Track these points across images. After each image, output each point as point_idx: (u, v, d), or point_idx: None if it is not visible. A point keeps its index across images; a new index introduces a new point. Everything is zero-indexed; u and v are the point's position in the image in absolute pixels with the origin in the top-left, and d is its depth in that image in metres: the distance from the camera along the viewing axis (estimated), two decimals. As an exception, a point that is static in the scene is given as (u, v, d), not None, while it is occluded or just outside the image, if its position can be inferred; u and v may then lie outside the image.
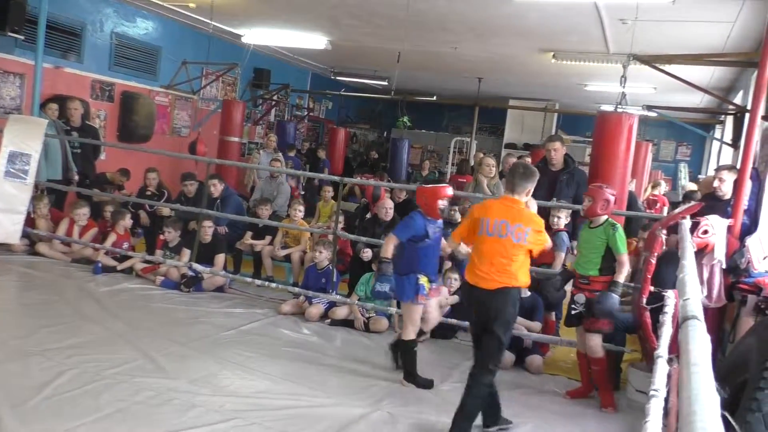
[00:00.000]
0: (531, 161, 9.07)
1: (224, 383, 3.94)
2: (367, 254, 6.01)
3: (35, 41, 7.06)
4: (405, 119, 14.10)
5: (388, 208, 6.31)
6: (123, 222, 6.71)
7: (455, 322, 5.14)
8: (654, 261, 4.10)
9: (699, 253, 4.24)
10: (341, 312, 5.59)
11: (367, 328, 5.40)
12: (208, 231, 6.33)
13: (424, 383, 4.25)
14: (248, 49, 10.16)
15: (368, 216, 7.07)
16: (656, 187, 10.17)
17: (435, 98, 14.33)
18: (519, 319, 4.94)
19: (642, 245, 5.68)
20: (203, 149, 9.29)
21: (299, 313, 5.65)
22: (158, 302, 5.61)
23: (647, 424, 1.70)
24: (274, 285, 6.33)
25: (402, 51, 9.17)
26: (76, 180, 7.39)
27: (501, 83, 12.80)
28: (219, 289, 6.22)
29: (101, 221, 7.06)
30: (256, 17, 8.94)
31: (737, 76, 9.40)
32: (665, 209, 9.17)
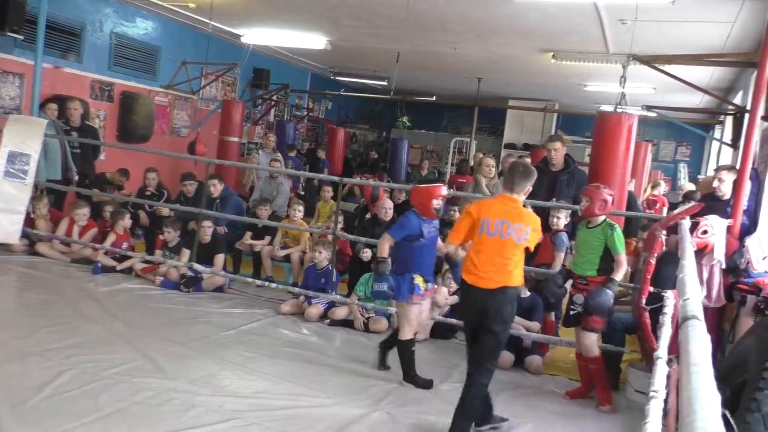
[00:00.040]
0: (531, 161, 9.10)
1: (224, 383, 3.95)
2: (367, 254, 6.01)
3: (35, 41, 7.06)
4: (404, 119, 14.11)
5: (388, 209, 6.30)
6: (122, 222, 6.71)
7: (455, 322, 5.13)
8: (653, 261, 4.11)
9: (698, 254, 4.24)
10: (341, 312, 5.60)
11: (367, 328, 5.40)
12: (208, 231, 6.33)
13: (424, 383, 4.25)
14: (248, 49, 10.15)
15: (368, 216, 7.07)
16: (656, 188, 10.17)
17: (434, 98, 14.32)
18: (518, 319, 4.95)
19: (641, 246, 5.68)
20: (202, 149, 9.29)
21: (299, 314, 5.65)
22: (158, 302, 5.62)
23: (647, 425, 1.70)
24: (274, 285, 6.33)
25: (402, 51, 9.17)
26: (76, 180, 7.39)
27: (501, 83, 12.79)
28: (218, 290, 6.22)
29: (101, 221, 7.06)
30: (256, 17, 8.93)
31: (737, 77, 9.40)
32: (665, 209, 9.18)
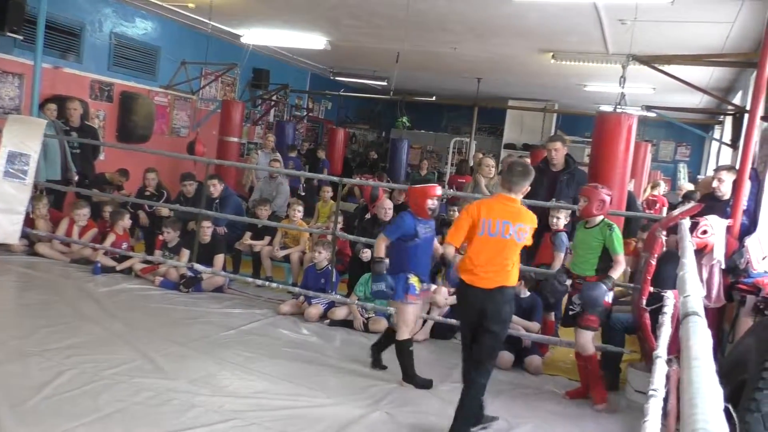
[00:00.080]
0: (531, 162, 9.10)
1: (223, 383, 3.94)
2: (367, 255, 6.00)
3: (34, 41, 7.07)
4: (404, 119, 14.09)
5: (387, 209, 6.30)
6: (122, 222, 6.71)
7: (455, 323, 5.13)
8: (654, 262, 4.10)
9: (698, 254, 4.24)
10: (340, 312, 5.60)
11: (367, 329, 5.40)
12: (207, 231, 6.32)
13: (423, 383, 4.25)
14: (247, 50, 10.14)
15: (367, 216, 7.07)
16: (655, 188, 10.18)
17: (434, 98, 14.32)
18: (518, 320, 4.96)
19: (641, 246, 5.68)
20: (202, 149, 9.29)
21: (298, 314, 5.65)
22: (157, 302, 5.61)
23: (646, 424, 1.70)
24: (274, 285, 6.33)
25: (401, 51, 9.17)
26: (75, 180, 7.39)
27: (500, 83, 12.80)
28: (218, 290, 6.22)
29: (100, 221, 7.06)
30: (255, 17, 8.93)
31: (736, 77, 9.40)
32: (664, 210, 9.18)
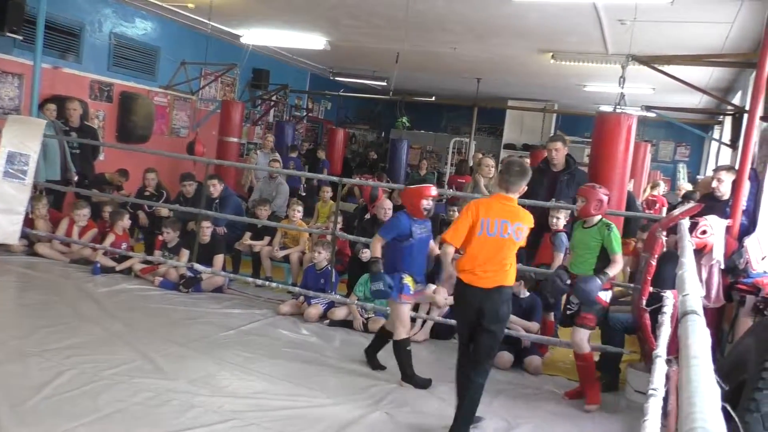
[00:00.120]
0: (531, 162, 9.10)
1: (223, 384, 3.94)
2: (366, 255, 5.99)
3: (34, 41, 7.06)
4: (404, 120, 14.07)
5: (387, 209, 6.30)
6: (121, 222, 6.71)
7: (454, 323, 5.11)
8: (654, 262, 4.10)
9: (698, 254, 4.24)
10: (340, 312, 5.60)
11: (366, 329, 5.40)
12: (207, 231, 6.32)
13: (422, 383, 4.26)
14: (247, 50, 10.14)
15: (367, 216, 7.07)
16: (655, 188, 10.18)
17: (434, 99, 14.32)
18: (517, 320, 4.96)
19: (641, 246, 5.68)
20: (201, 150, 9.29)
21: (298, 314, 5.65)
22: (157, 303, 5.61)
23: (646, 423, 1.70)
24: (273, 285, 6.33)
25: (401, 51, 9.18)
26: (75, 180, 7.39)
27: (500, 84, 12.80)
28: (218, 290, 6.22)
29: (100, 222, 7.06)
30: (255, 17, 8.93)
31: (736, 77, 9.40)
32: (664, 210, 9.18)
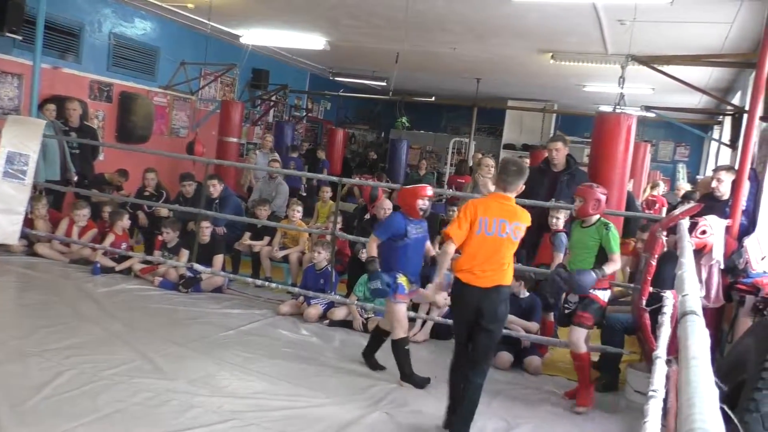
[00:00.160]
0: (531, 163, 9.10)
1: (222, 384, 3.94)
2: (366, 255, 5.99)
3: (33, 41, 7.06)
4: (403, 120, 14.07)
5: (387, 209, 6.27)
6: (121, 222, 6.71)
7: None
8: (654, 262, 4.10)
9: (697, 254, 4.24)
10: (340, 313, 5.60)
11: (366, 329, 5.39)
12: (206, 231, 6.32)
13: (420, 382, 4.27)
14: (246, 50, 10.14)
15: (367, 216, 7.06)
16: (655, 188, 10.18)
17: (433, 99, 14.32)
18: (517, 320, 4.96)
19: (641, 246, 5.68)
20: (201, 150, 9.28)
21: (298, 314, 5.65)
22: (156, 303, 5.61)
23: (646, 425, 1.69)
24: (273, 285, 6.33)
25: (401, 51, 9.18)
26: (75, 181, 7.38)
27: (499, 84, 12.79)
28: (217, 290, 6.22)
29: (100, 222, 7.06)
30: (255, 18, 8.93)
31: (735, 77, 9.40)
32: (664, 210, 9.18)
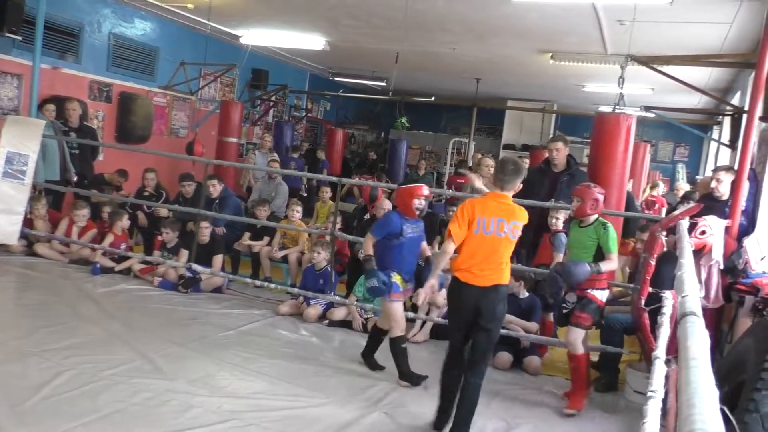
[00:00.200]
0: (531, 163, 9.10)
1: (222, 384, 3.94)
2: (365, 255, 5.99)
3: (33, 42, 7.05)
4: (403, 120, 14.07)
5: (386, 209, 6.28)
6: (120, 223, 6.71)
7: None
8: (653, 262, 4.10)
9: (697, 254, 4.24)
10: (339, 313, 5.60)
11: (366, 329, 5.39)
12: (206, 232, 6.32)
13: (417, 379, 4.29)
14: (246, 50, 10.14)
15: (366, 217, 7.06)
16: (654, 188, 10.18)
17: (433, 99, 14.32)
18: (516, 320, 4.97)
19: (640, 246, 5.68)
20: (200, 150, 9.28)
21: (297, 314, 5.65)
22: (156, 303, 5.61)
23: (645, 425, 1.69)
24: (273, 286, 6.33)
25: (400, 52, 9.17)
26: (74, 181, 7.38)
27: (499, 84, 12.79)
28: (217, 290, 6.22)
29: (99, 222, 7.06)
30: (254, 18, 8.93)
31: (735, 77, 9.40)
32: (663, 210, 9.18)
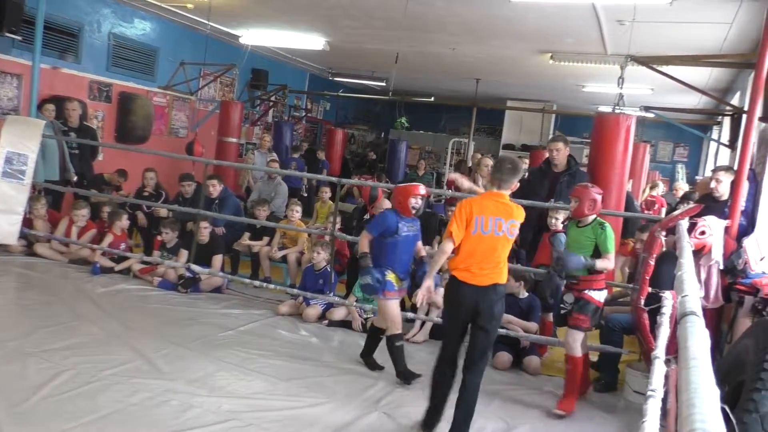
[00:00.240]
0: (531, 163, 9.10)
1: (221, 384, 3.94)
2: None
3: (33, 42, 7.06)
4: (403, 120, 14.06)
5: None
6: (119, 223, 6.70)
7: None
8: (652, 262, 4.10)
9: (696, 254, 4.24)
10: (339, 313, 5.60)
11: (365, 329, 5.39)
12: (205, 232, 6.32)
13: (410, 377, 4.29)
14: (246, 50, 10.14)
15: (366, 217, 7.06)
16: (654, 189, 10.18)
17: (433, 99, 14.32)
18: (516, 320, 4.97)
19: (639, 246, 5.68)
20: (200, 150, 9.26)
21: (297, 314, 5.65)
22: (155, 303, 5.61)
23: (644, 425, 1.69)
24: (272, 286, 6.33)
25: (400, 52, 9.17)
26: (74, 181, 7.38)
27: (499, 84, 12.79)
28: (216, 290, 6.22)
29: (99, 222, 7.05)
30: (254, 18, 8.93)
31: (734, 78, 9.40)
32: (663, 210, 9.18)
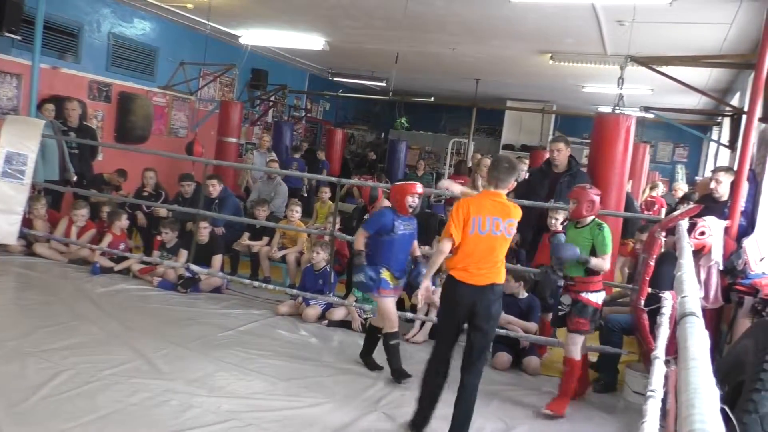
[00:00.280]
0: (531, 163, 9.11)
1: (221, 384, 3.94)
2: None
3: (32, 41, 7.06)
4: (403, 120, 14.09)
5: (386, 209, 6.29)
6: (119, 223, 6.70)
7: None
8: (652, 263, 4.10)
9: (696, 255, 4.24)
10: (338, 313, 5.60)
11: (365, 329, 5.39)
12: (204, 232, 6.32)
13: (400, 375, 4.29)
14: (246, 50, 10.14)
15: (366, 217, 7.06)
16: (654, 189, 10.18)
17: (432, 99, 14.32)
18: (515, 320, 4.97)
19: (639, 247, 5.68)
20: (200, 150, 9.26)
21: (296, 314, 5.65)
22: (155, 303, 5.61)
23: (644, 425, 1.69)
24: (272, 286, 6.33)
25: (400, 52, 9.17)
26: (74, 181, 7.37)
27: (499, 84, 12.79)
28: (216, 290, 6.21)
29: (99, 222, 7.05)
30: (254, 18, 8.93)
31: (734, 78, 9.41)
32: (663, 211, 9.18)
